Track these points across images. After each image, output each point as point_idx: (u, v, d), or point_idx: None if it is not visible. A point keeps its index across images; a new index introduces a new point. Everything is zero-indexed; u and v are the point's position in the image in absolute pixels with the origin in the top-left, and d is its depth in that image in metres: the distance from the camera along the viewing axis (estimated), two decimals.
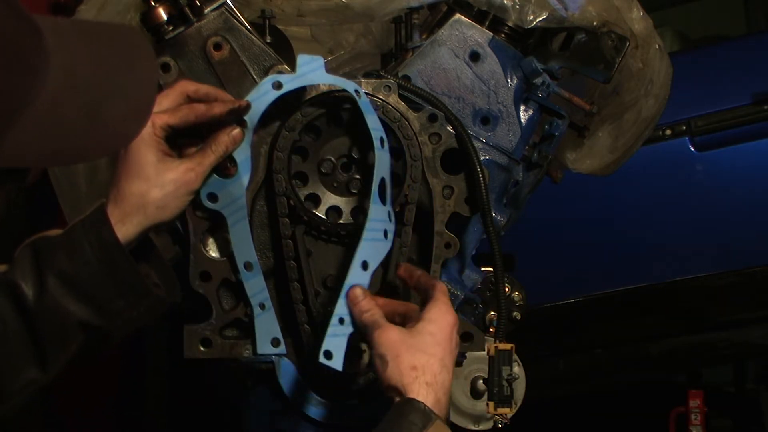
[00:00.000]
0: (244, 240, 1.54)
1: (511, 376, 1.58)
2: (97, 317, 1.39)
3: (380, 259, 1.49)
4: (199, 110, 1.45)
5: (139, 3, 1.57)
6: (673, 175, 3.23)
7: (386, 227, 1.50)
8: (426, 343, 1.37)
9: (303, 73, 1.51)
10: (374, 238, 1.49)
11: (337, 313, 1.44)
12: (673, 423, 3.95)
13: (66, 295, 1.37)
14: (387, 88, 1.56)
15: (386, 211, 1.50)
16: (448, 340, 1.38)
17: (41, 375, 1.39)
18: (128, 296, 1.40)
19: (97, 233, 1.38)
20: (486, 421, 1.68)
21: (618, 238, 3.26)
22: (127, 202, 1.41)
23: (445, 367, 1.36)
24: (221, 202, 1.52)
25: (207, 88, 1.48)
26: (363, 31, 1.76)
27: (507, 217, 1.71)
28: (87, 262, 1.38)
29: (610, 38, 1.65)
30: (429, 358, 1.35)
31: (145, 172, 1.42)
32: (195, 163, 1.46)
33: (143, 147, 1.41)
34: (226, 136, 1.48)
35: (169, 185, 1.43)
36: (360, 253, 1.47)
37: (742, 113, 3.16)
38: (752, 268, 3.16)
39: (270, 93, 1.50)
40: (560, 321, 3.35)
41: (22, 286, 1.36)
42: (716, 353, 3.69)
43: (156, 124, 1.42)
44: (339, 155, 1.59)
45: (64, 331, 1.38)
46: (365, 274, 1.47)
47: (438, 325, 1.39)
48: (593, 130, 1.84)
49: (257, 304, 1.55)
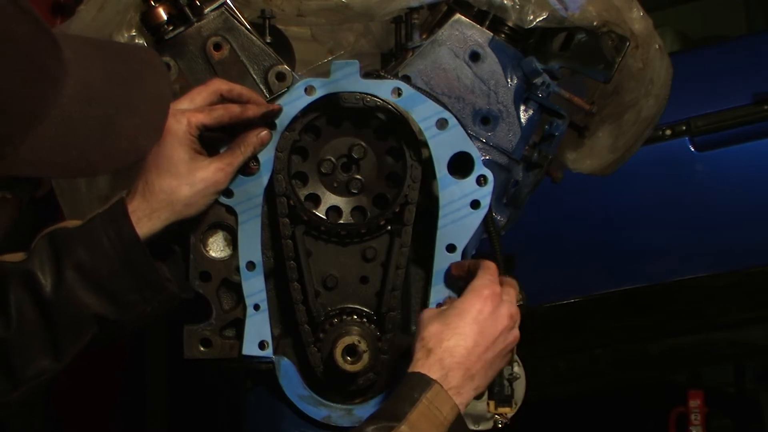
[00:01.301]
0: (253, 239, 1.55)
1: (511, 376, 1.58)
2: (113, 310, 1.42)
3: (469, 234, 1.54)
4: (234, 112, 1.48)
5: (139, 3, 1.57)
6: (673, 175, 3.23)
7: (472, 198, 1.54)
8: (448, 317, 1.39)
9: (336, 79, 1.52)
10: (454, 220, 1.53)
11: (433, 301, 1.54)
12: (673, 423, 3.94)
13: (83, 288, 1.39)
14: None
15: (471, 182, 1.54)
16: (475, 314, 1.39)
17: (54, 364, 1.41)
18: (144, 291, 1.43)
19: (117, 228, 1.40)
20: (486, 421, 1.68)
21: (618, 238, 3.25)
22: (155, 198, 1.43)
23: (462, 338, 1.37)
24: (236, 198, 1.54)
25: (240, 89, 1.51)
26: (363, 31, 1.76)
27: (507, 217, 1.71)
28: (106, 256, 1.40)
29: (610, 38, 1.65)
30: (444, 332, 1.37)
31: (177, 169, 1.44)
32: (225, 163, 1.48)
33: (177, 144, 1.43)
34: (255, 138, 1.51)
35: (199, 183, 1.45)
36: (441, 239, 1.53)
37: (742, 113, 3.15)
38: (752, 268, 3.15)
39: (302, 98, 1.53)
40: (560, 321, 3.35)
41: (39, 277, 1.39)
42: (716, 353, 3.68)
43: (192, 123, 1.45)
44: (339, 155, 1.59)
45: (79, 323, 1.41)
46: (452, 256, 1.54)
47: (468, 300, 1.40)
48: (593, 130, 1.83)
49: (252, 305, 1.55)
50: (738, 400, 4.55)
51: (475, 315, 1.40)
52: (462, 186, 1.54)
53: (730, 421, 4.45)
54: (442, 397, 1.34)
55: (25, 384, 1.40)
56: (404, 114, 1.55)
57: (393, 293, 1.58)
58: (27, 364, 1.39)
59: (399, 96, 1.53)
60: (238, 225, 1.55)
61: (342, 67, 1.52)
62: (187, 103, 1.47)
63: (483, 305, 1.40)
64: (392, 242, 1.59)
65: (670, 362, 3.71)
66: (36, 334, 1.39)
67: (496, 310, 1.41)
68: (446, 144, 1.53)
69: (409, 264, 1.60)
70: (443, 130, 1.53)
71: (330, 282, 1.60)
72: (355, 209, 1.60)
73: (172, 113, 1.43)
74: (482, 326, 1.39)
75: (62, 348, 1.41)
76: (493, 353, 1.40)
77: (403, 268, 1.58)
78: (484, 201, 1.55)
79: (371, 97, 1.54)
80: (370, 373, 1.57)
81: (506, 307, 1.42)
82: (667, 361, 3.66)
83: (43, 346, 1.40)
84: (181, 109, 1.46)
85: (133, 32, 1.59)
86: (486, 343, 1.39)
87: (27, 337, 1.39)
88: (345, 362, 1.54)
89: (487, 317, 1.40)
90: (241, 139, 1.51)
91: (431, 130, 1.53)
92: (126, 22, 1.58)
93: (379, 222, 1.58)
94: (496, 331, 1.40)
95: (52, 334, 1.40)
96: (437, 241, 1.54)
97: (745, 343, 3.59)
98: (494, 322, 1.40)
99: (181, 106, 1.47)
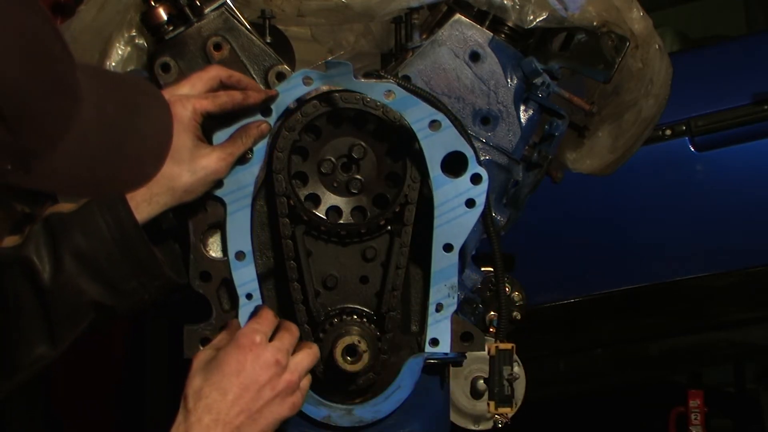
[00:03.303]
0: (242, 229, 1.55)
1: (511, 376, 1.58)
2: (111, 297, 1.42)
3: (465, 233, 1.55)
4: (237, 98, 1.48)
5: (139, 3, 1.57)
6: (673, 175, 3.23)
7: (467, 197, 1.54)
8: (210, 370, 1.40)
9: (332, 75, 1.52)
10: (449, 219, 1.54)
11: (432, 301, 1.55)
12: (673, 423, 3.94)
13: (82, 275, 1.39)
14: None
15: (465, 180, 1.53)
16: (235, 365, 1.40)
17: (50, 351, 1.41)
18: (141, 277, 1.43)
19: (115, 213, 1.40)
20: (486, 421, 1.68)
21: (618, 238, 3.25)
22: (156, 183, 1.40)
23: (221, 393, 1.38)
24: (226, 188, 1.54)
25: (239, 75, 1.51)
26: (363, 31, 1.76)
27: (507, 217, 1.71)
28: (104, 241, 1.40)
29: (610, 38, 1.65)
30: (203, 388, 1.39)
31: (180, 155, 1.43)
32: (227, 153, 1.48)
33: (182, 130, 1.43)
34: (256, 129, 1.51)
35: (201, 171, 1.45)
36: (437, 239, 1.53)
37: (742, 113, 3.16)
38: (752, 268, 3.15)
39: (299, 87, 1.53)
40: (560, 321, 3.35)
41: (37, 264, 1.38)
42: (716, 353, 3.69)
43: (197, 109, 1.45)
44: (339, 155, 1.59)
45: (77, 310, 1.41)
46: (449, 255, 1.54)
47: (228, 352, 1.42)
48: (593, 130, 1.83)
49: (244, 294, 1.55)
50: (738, 400, 4.55)
51: (235, 367, 1.39)
52: (456, 185, 1.54)
53: (730, 421, 4.46)
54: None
55: (20, 371, 1.40)
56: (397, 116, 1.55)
57: (393, 293, 1.58)
58: (23, 351, 1.39)
59: (391, 98, 1.53)
60: (226, 215, 1.54)
61: (336, 65, 1.52)
62: (188, 88, 1.47)
63: (242, 356, 1.39)
64: (392, 242, 1.59)
65: (670, 362, 3.72)
66: (33, 321, 1.39)
67: (257, 359, 1.40)
68: (439, 144, 1.53)
69: (409, 264, 1.60)
70: (436, 131, 1.53)
71: (330, 282, 1.61)
72: (355, 209, 1.60)
73: (177, 99, 1.43)
74: (242, 378, 1.39)
75: (59, 335, 1.41)
76: (261, 402, 1.39)
77: (403, 268, 1.58)
78: (479, 199, 1.55)
79: (372, 98, 1.54)
80: (370, 373, 1.57)
81: (270, 353, 1.41)
82: (667, 361, 3.66)
83: (39, 333, 1.40)
84: (186, 95, 1.45)
85: (133, 32, 1.59)
86: (250, 395, 1.38)
87: (23, 324, 1.39)
88: (345, 362, 1.54)
89: (248, 368, 1.39)
90: (242, 130, 1.51)
91: (424, 131, 1.53)
92: (126, 22, 1.58)
93: (379, 222, 1.58)
94: (261, 380, 1.39)
95: (49, 322, 1.39)
96: (434, 240, 1.54)
97: (745, 343, 3.59)
98: (256, 371, 1.39)
99: (181, 91, 1.46)
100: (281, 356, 1.42)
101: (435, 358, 1.60)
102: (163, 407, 3.05)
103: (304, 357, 1.46)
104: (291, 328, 1.48)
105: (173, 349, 2.83)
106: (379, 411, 1.59)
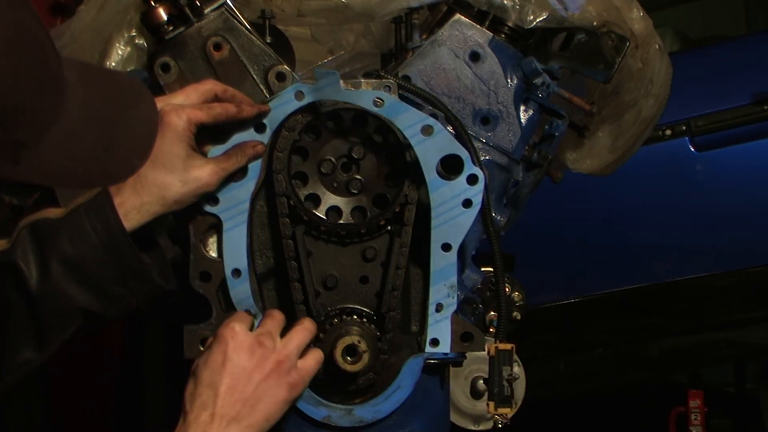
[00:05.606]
0: (237, 246, 1.55)
1: (511, 376, 1.58)
2: (98, 303, 1.42)
3: (463, 233, 1.55)
4: (231, 111, 1.48)
5: (139, 3, 1.57)
6: (673, 175, 3.23)
7: (464, 198, 1.54)
8: (201, 373, 1.42)
9: (321, 87, 1.52)
10: (447, 220, 1.53)
11: (432, 301, 1.55)
12: (673, 423, 3.94)
13: (70, 281, 1.39)
14: (387, 88, 1.56)
15: (462, 182, 1.53)
16: (220, 358, 1.41)
17: (37, 355, 1.41)
18: (129, 282, 1.42)
19: (103, 220, 1.40)
20: (486, 421, 1.68)
21: (618, 238, 3.25)
22: (147, 191, 1.42)
23: (212, 389, 1.39)
24: (221, 205, 1.54)
25: (234, 91, 1.51)
26: (363, 31, 1.76)
27: (507, 217, 1.71)
28: (92, 247, 1.40)
29: (610, 38, 1.65)
30: (197, 389, 1.41)
31: (173, 165, 1.43)
32: (220, 167, 1.48)
33: (176, 139, 1.43)
34: (251, 149, 1.52)
35: (193, 183, 1.45)
36: (436, 238, 1.54)
37: (742, 113, 3.16)
38: (752, 268, 3.15)
39: (291, 103, 1.53)
40: (560, 321, 3.35)
41: (24, 270, 1.38)
42: (716, 353, 3.68)
43: (192, 119, 1.44)
44: (339, 155, 1.59)
45: (65, 315, 1.41)
46: (448, 255, 1.54)
47: (211, 350, 1.43)
48: (593, 130, 1.83)
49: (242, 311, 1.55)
50: (738, 400, 4.55)
51: (220, 359, 1.41)
52: (452, 186, 1.54)
53: (730, 421, 4.46)
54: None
55: (7, 375, 1.40)
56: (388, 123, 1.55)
57: (393, 293, 1.58)
58: (11, 356, 1.39)
59: (380, 106, 1.52)
60: (223, 233, 1.54)
61: (324, 75, 1.52)
62: (182, 98, 1.47)
63: (224, 347, 1.41)
64: (392, 242, 1.59)
65: (670, 362, 3.71)
66: (20, 326, 1.39)
67: (239, 346, 1.41)
68: (433, 149, 1.53)
69: (409, 264, 1.60)
70: (429, 136, 1.53)
71: (330, 282, 1.61)
72: (355, 209, 1.60)
73: (172, 108, 1.43)
74: (228, 368, 1.40)
75: (46, 340, 1.40)
76: (252, 387, 1.40)
77: (403, 268, 1.58)
78: (476, 199, 1.55)
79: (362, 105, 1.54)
80: (370, 373, 1.57)
81: (251, 337, 1.42)
82: (667, 361, 3.66)
83: (26, 338, 1.40)
84: (180, 104, 1.45)
85: (133, 32, 1.59)
86: (241, 383, 1.40)
87: (11, 329, 1.39)
88: (345, 362, 1.54)
89: (232, 357, 1.40)
90: (238, 148, 1.51)
91: (417, 137, 1.52)
92: (126, 22, 1.58)
93: (379, 222, 1.58)
94: (248, 366, 1.41)
95: (37, 326, 1.39)
96: (432, 240, 1.55)
97: (745, 343, 3.59)
98: (240, 357, 1.40)
99: (176, 100, 1.46)
100: (264, 338, 1.43)
101: (435, 358, 1.60)
102: (162, 407, 3.05)
103: (293, 334, 1.46)
104: (273, 313, 1.49)
105: (170, 348, 2.83)
106: (379, 411, 1.59)
